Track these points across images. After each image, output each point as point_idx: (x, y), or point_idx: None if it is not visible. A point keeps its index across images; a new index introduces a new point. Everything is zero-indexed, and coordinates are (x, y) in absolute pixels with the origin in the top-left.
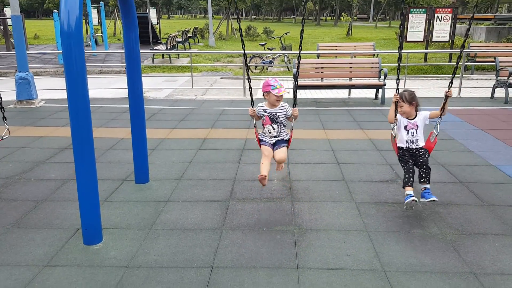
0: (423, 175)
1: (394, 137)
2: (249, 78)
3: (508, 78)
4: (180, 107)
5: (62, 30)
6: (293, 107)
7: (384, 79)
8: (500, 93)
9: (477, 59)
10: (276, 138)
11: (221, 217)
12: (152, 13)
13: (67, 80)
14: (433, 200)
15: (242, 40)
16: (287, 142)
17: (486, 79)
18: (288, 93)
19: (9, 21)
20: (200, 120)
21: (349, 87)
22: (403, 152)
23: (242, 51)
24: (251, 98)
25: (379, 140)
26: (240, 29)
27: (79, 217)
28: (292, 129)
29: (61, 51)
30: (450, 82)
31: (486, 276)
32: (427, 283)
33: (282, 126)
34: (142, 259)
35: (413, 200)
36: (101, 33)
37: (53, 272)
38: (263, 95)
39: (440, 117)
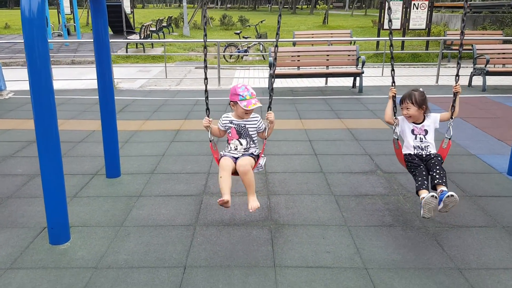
0: (437, 176)
1: (397, 139)
2: (206, 79)
3: (485, 66)
4: (154, 98)
5: (23, 16)
6: (268, 110)
7: (362, 67)
8: (477, 81)
9: (453, 47)
10: (243, 152)
11: (194, 212)
12: (126, 2)
13: (29, 70)
14: (452, 196)
15: (205, 36)
16: (256, 156)
17: (462, 67)
18: (261, 105)
19: None
20: (174, 111)
21: (326, 75)
22: (412, 157)
23: (216, 41)
24: (206, 103)
25: (357, 130)
26: (205, 22)
27: (45, 215)
28: (265, 139)
29: None
30: (456, 75)
31: (471, 272)
32: (411, 281)
33: (251, 142)
34: (111, 259)
35: (432, 196)
36: (74, 22)
37: (16, 275)
38: (230, 104)
39: (451, 118)
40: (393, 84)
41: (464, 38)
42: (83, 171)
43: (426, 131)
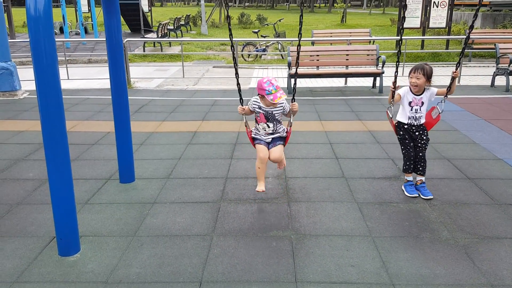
0: (420, 168)
1: (391, 117)
2: (237, 73)
3: (509, 66)
4: (171, 98)
5: (28, 14)
6: (291, 102)
7: (382, 67)
8: (500, 81)
9: (474, 46)
10: (273, 136)
11: (211, 221)
12: (144, 0)
13: (35, 72)
14: (430, 199)
15: (230, 30)
16: (284, 139)
17: (484, 66)
18: (286, 96)
19: None
20: (191, 112)
21: (346, 75)
22: (403, 133)
23: (233, 40)
24: (240, 94)
25: (379, 132)
26: (228, 16)
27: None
28: (291, 126)
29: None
30: (457, 63)
31: None
32: None
33: (278, 123)
34: (123, 273)
35: (416, 197)
36: (91, 21)
37: None
38: (258, 96)
39: (445, 96)
40: (395, 83)
41: (486, 37)
42: (96, 175)
43: (422, 103)
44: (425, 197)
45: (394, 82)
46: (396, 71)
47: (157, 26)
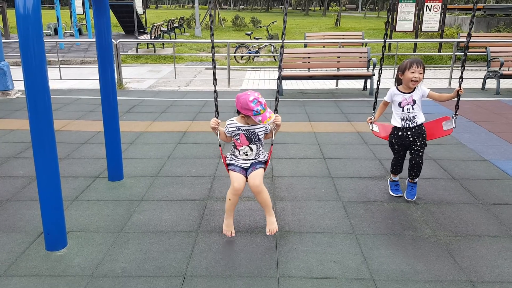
0: (413, 173)
1: (371, 129)
2: (215, 79)
3: (499, 69)
4: (162, 98)
5: (17, 12)
6: (274, 113)
7: (373, 69)
8: (491, 84)
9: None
10: (252, 161)
11: (197, 218)
12: (138, 2)
13: (24, 71)
14: (411, 201)
15: (211, 29)
16: (265, 163)
17: (475, 69)
18: (276, 116)
19: None
20: (182, 112)
21: (337, 77)
22: (395, 141)
23: (226, 41)
24: (216, 105)
25: (367, 133)
26: (210, 15)
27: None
28: (272, 144)
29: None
30: (460, 78)
31: (484, 285)
32: None
33: (261, 145)
34: (108, 267)
35: (400, 196)
36: (85, 22)
37: (9, 283)
38: (238, 113)
39: (455, 115)
40: (374, 112)
41: (478, 40)
42: (85, 173)
43: (414, 101)
44: (407, 199)
45: (370, 119)
46: (379, 76)
47: (150, 28)
